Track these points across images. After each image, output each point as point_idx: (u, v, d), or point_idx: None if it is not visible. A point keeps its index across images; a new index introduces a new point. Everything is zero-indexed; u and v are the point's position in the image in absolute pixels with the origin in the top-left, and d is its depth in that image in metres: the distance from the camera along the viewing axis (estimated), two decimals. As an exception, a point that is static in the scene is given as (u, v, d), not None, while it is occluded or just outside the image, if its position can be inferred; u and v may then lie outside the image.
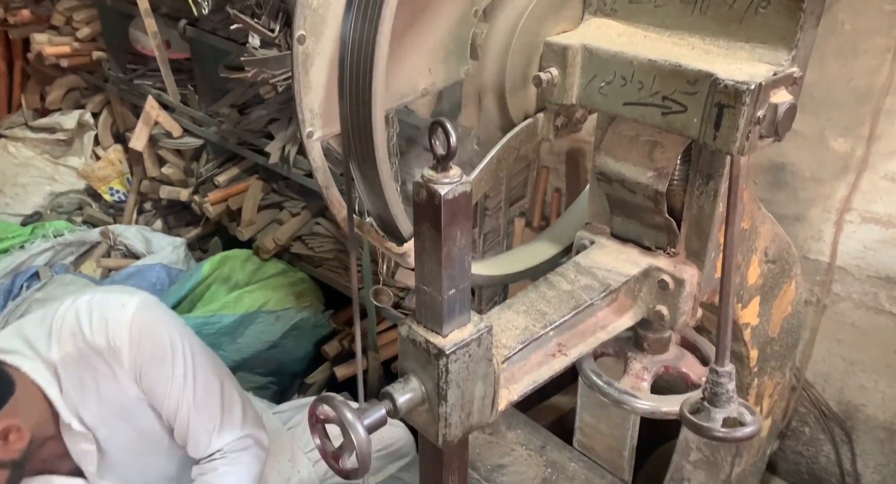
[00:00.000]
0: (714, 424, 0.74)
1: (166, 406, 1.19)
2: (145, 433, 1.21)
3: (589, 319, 0.83)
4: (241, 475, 1.22)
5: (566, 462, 1.46)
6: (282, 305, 2.34)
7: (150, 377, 1.16)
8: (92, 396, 1.13)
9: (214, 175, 2.51)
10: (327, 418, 0.64)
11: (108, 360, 1.13)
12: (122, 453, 1.19)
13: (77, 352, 1.12)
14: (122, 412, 1.17)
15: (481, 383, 0.68)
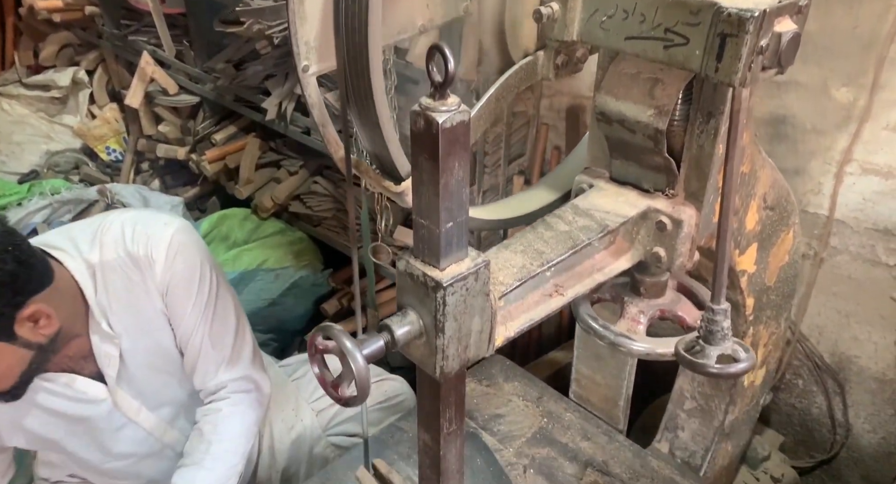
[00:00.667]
0: (708, 360, 0.75)
1: (182, 327, 1.22)
2: (163, 350, 1.24)
3: (586, 260, 0.83)
4: (244, 418, 1.26)
5: (562, 412, 1.48)
6: (281, 264, 2.35)
7: (175, 295, 1.20)
8: (122, 302, 1.17)
9: (211, 133, 2.49)
10: (326, 349, 0.65)
11: (143, 270, 1.17)
12: (140, 366, 1.22)
13: (116, 258, 1.16)
14: (145, 324, 1.20)
15: (478, 318, 0.68)
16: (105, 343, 1.16)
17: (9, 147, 2.76)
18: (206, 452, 1.20)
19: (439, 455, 0.76)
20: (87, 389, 1.18)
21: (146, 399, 1.25)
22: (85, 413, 1.20)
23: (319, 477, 1.32)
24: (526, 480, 1.31)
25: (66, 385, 1.16)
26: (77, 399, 1.18)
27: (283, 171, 2.41)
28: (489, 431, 1.43)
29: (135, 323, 1.19)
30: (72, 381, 1.16)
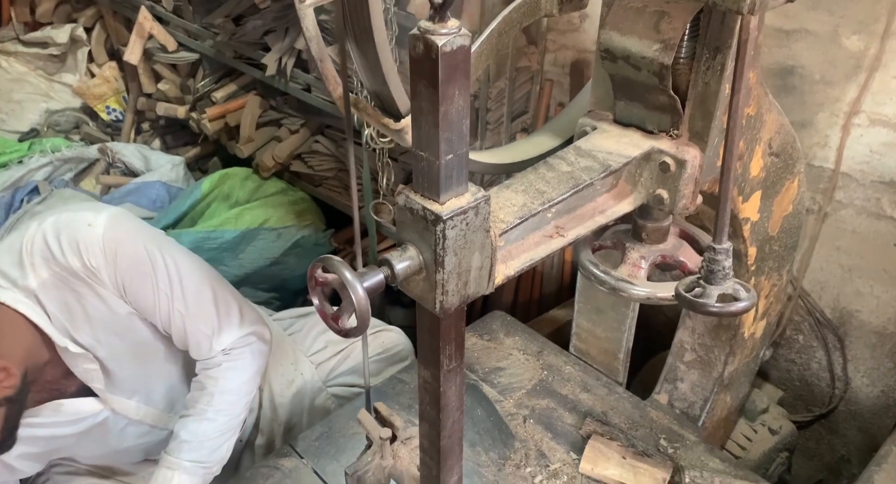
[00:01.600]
0: (709, 300, 0.75)
1: (159, 318, 1.16)
2: (143, 345, 1.21)
3: (588, 203, 0.83)
4: (244, 370, 1.23)
5: (562, 365, 1.50)
6: (283, 223, 2.35)
7: (135, 293, 1.13)
8: (80, 317, 1.10)
9: (211, 91, 2.46)
10: (326, 282, 0.64)
11: (88, 281, 1.09)
12: (125, 368, 1.18)
13: (53, 276, 1.07)
14: (115, 329, 1.14)
15: (478, 254, 0.68)
16: (80, 361, 1.11)
17: (8, 105, 2.73)
18: (209, 404, 1.18)
19: (439, 391, 0.76)
20: (78, 408, 1.14)
21: (140, 395, 1.24)
22: (84, 429, 1.17)
23: (322, 426, 1.34)
24: (526, 430, 1.33)
25: (54, 412, 1.12)
26: (71, 421, 1.15)
27: (283, 129, 2.39)
28: (489, 383, 1.45)
29: (104, 331, 1.13)
30: (58, 407, 1.12)
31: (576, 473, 1.23)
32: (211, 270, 1.26)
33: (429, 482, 0.85)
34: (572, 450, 1.28)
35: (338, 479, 1.21)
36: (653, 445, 1.28)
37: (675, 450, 1.27)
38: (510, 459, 1.27)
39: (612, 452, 1.24)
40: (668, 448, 1.27)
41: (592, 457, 1.23)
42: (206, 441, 1.17)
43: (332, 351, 1.61)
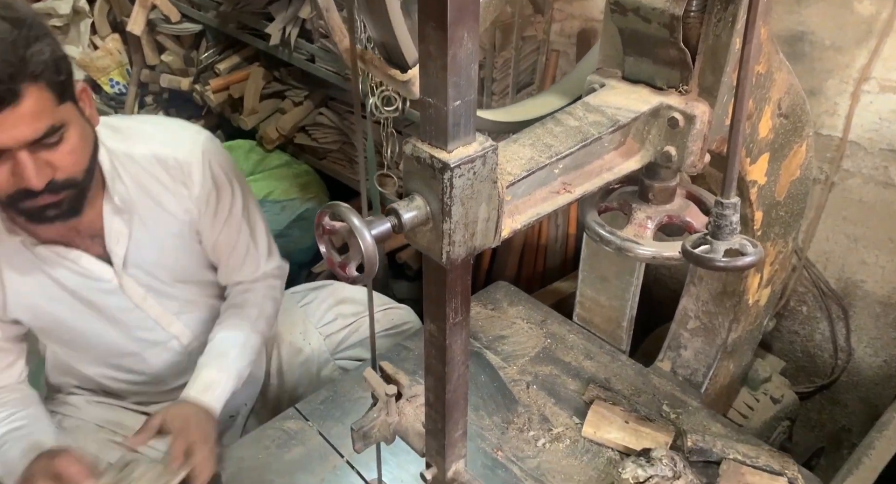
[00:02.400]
0: (716, 255, 0.75)
1: (226, 231, 1.26)
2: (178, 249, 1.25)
3: (595, 160, 0.82)
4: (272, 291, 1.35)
5: (566, 334, 1.50)
6: (287, 196, 2.35)
7: (214, 202, 1.22)
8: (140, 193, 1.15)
9: (215, 63, 2.45)
10: (333, 230, 0.65)
11: (175, 176, 1.17)
12: (149, 256, 1.21)
13: (143, 156, 1.14)
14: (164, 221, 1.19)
15: (485, 205, 0.68)
16: (116, 218, 1.14)
17: None
18: (244, 318, 1.28)
19: (445, 344, 0.77)
20: (93, 267, 1.16)
21: (152, 290, 1.25)
22: (92, 295, 1.18)
23: (327, 390, 1.35)
24: (529, 395, 1.34)
25: (74, 261, 1.14)
26: (84, 276, 1.16)
27: (287, 101, 2.38)
28: (493, 350, 1.46)
29: (151, 215, 1.18)
30: (78, 258, 1.15)
31: (578, 436, 1.24)
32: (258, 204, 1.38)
33: (434, 436, 0.86)
34: (575, 415, 1.29)
35: (342, 440, 1.22)
36: (655, 411, 1.29)
37: (677, 415, 1.28)
38: (513, 422, 1.28)
39: (614, 417, 1.25)
40: (671, 414, 1.28)
41: (595, 421, 1.25)
42: (243, 351, 1.25)
43: (342, 324, 1.62)
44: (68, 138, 0.97)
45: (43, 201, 0.99)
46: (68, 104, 0.97)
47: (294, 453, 1.20)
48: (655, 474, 1.05)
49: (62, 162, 0.97)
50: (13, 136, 0.91)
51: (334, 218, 0.65)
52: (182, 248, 1.26)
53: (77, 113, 1.00)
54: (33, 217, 1.02)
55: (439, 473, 0.88)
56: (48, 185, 0.97)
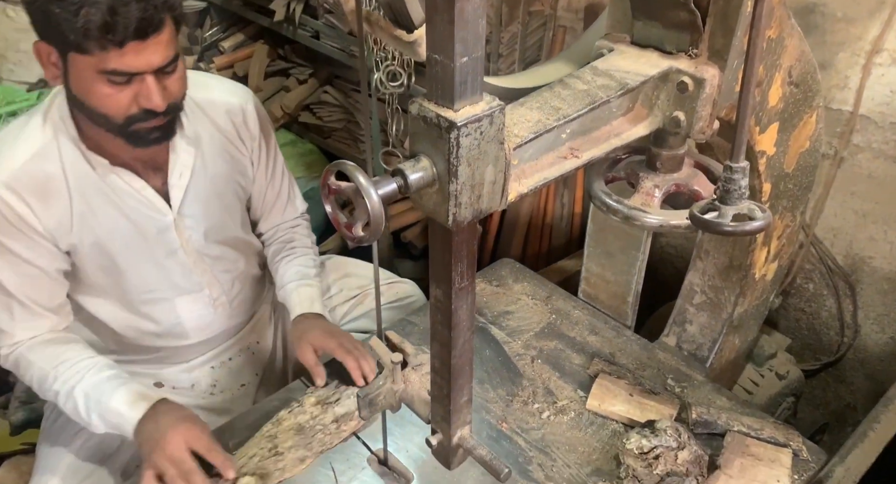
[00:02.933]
0: (724, 219, 0.74)
1: (270, 172, 1.39)
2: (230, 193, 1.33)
3: (603, 126, 0.82)
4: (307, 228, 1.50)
5: (570, 310, 1.50)
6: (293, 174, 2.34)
7: (262, 143, 1.33)
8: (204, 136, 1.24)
9: (219, 40, 2.43)
10: (339, 190, 0.64)
11: (234, 119, 1.27)
12: (203, 200, 1.27)
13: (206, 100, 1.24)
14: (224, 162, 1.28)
15: (492, 167, 0.67)
16: (182, 152, 1.21)
17: (16, 55, 2.71)
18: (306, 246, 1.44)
19: (451, 309, 0.77)
20: (154, 199, 1.21)
21: (194, 237, 1.30)
22: (147, 224, 1.23)
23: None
24: (533, 369, 1.34)
25: (139, 191, 1.20)
26: (145, 205, 1.21)
27: (292, 79, 2.37)
28: (498, 325, 1.46)
29: (212, 156, 1.26)
30: (143, 188, 1.20)
31: (583, 409, 1.25)
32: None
33: (439, 402, 0.86)
34: (580, 388, 1.29)
35: (349, 412, 1.23)
36: (660, 385, 1.29)
37: (682, 389, 1.28)
38: (518, 395, 1.28)
39: (619, 390, 1.25)
40: (676, 387, 1.28)
41: (600, 394, 1.25)
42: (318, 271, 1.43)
43: (346, 296, 1.62)
44: (180, 66, 1.08)
45: (156, 123, 1.07)
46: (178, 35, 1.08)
47: (300, 424, 1.20)
48: (660, 445, 1.05)
49: (173, 87, 1.08)
50: (150, 61, 1.01)
51: (340, 178, 0.65)
52: (227, 203, 1.34)
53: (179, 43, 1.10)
54: (139, 139, 1.09)
55: (444, 438, 0.88)
56: (167, 107, 1.07)
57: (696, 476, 1.04)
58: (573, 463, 1.14)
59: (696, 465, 1.05)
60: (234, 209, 1.37)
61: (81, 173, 1.14)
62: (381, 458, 1.14)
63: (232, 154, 1.30)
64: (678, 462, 1.04)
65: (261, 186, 1.40)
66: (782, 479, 1.06)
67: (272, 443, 1.07)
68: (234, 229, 1.38)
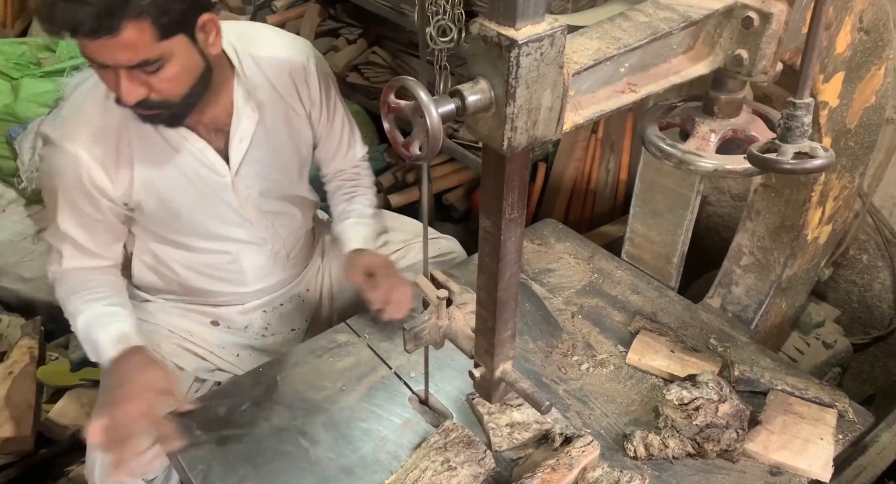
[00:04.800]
0: (783, 157, 0.73)
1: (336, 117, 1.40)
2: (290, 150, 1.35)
3: (662, 63, 0.80)
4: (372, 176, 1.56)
5: (613, 270, 1.49)
6: (339, 134, 2.37)
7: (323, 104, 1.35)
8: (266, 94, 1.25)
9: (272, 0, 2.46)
10: (399, 107, 0.65)
11: (296, 74, 1.28)
12: (262, 158, 1.30)
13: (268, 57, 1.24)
14: (285, 120, 1.30)
15: (549, 92, 0.67)
16: (244, 116, 1.24)
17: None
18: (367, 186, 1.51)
19: (500, 240, 0.78)
20: (214, 160, 1.25)
21: (255, 193, 1.33)
22: (208, 183, 1.27)
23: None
24: (574, 324, 1.35)
25: (200, 151, 1.23)
26: (205, 166, 1.25)
27: (341, 39, 2.39)
28: (539, 282, 1.46)
29: (274, 116, 1.27)
30: (205, 148, 1.23)
31: (622, 363, 1.25)
32: None
33: (484, 335, 0.88)
34: (620, 343, 1.29)
35: (390, 354, 1.26)
36: (702, 343, 1.28)
37: (724, 349, 1.27)
38: (557, 348, 1.29)
39: (660, 346, 1.25)
40: (718, 347, 1.27)
41: (640, 349, 1.25)
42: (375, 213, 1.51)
43: (390, 250, 1.65)
44: (168, 68, 1.04)
45: (145, 112, 1.08)
46: (178, 38, 1.04)
47: (345, 362, 1.24)
48: (701, 396, 1.05)
49: (159, 86, 1.05)
50: (114, 58, 1.00)
51: (400, 96, 0.66)
52: (286, 162, 1.36)
53: (189, 45, 1.06)
54: (143, 117, 1.11)
55: (487, 371, 0.90)
56: (141, 102, 1.05)
57: (736, 429, 1.04)
58: (611, 413, 1.15)
59: (736, 418, 1.04)
60: (292, 168, 1.39)
61: (144, 132, 1.18)
62: (421, 397, 1.16)
63: (293, 116, 1.32)
64: (718, 414, 1.04)
65: (321, 138, 1.43)
66: (826, 437, 1.05)
67: (443, 456, 1.01)
68: (292, 187, 1.41)
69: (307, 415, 1.13)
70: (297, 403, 1.15)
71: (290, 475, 1.03)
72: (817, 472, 1.02)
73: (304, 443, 1.08)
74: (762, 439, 1.06)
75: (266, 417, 1.13)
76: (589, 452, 1.01)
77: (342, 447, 1.08)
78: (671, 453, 1.05)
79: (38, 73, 2.39)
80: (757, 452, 1.05)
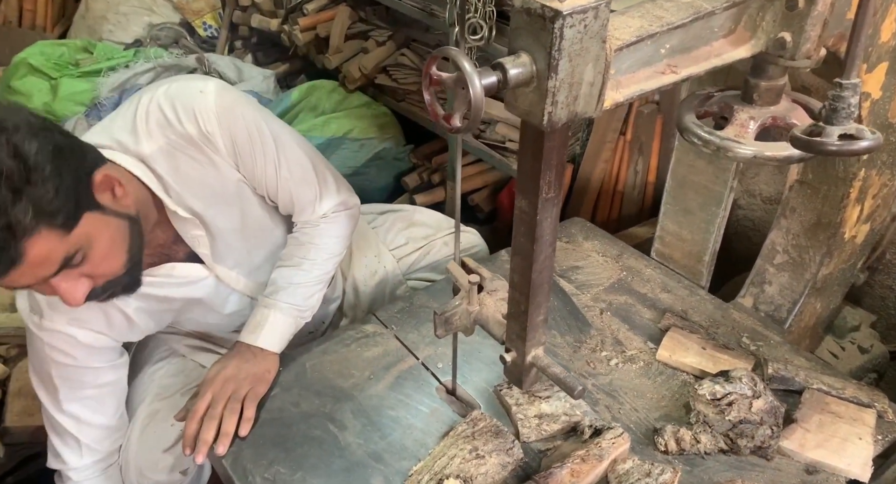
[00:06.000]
0: (828, 138, 0.72)
1: (266, 185, 1.21)
2: (250, 217, 1.25)
3: (703, 46, 0.80)
4: (340, 228, 1.30)
5: (642, 268, 1.48)
6: (366, 135, 2.39)
7: (246, 157, 1.15)
8: (192, 183, 1.13)
9: (303, 2, 2.50)
10: (440, 79, 0.66)
11: (203, 147, 1.11)
12: (230, 239, 1.22)
13: (168, 143, 1.09)
14: (224, 197, 1.18)
15: (592, 66, 0.67)
16: (189, 227, 1.14)
17: (116, 17, 2.87)
18: (305, 257, 1.25)
19: (535, 220, 0.77)
20: (189, 272, 1.19)
21: (242, 268, 1.28)
22: (194, 294, 1.22)
23: (403, 301, 1.39)
24: (602, 320, 1.33)
25: (168, 275, 1.17)
26: (183, 284, 1.20)
27: (371, 41, 2.41)
28: (566, 279, 1.45)
29: (213, 198, 1.15)
30: (171, 269, 1.17)
31: (652, 359, 1.23)
32: (307, 142, 1.31)
33: (516, 319, 0.87)
34: (649, 340, 1.27)
35: (418, 345, 1.26)
36: (734, 342, 1.26)
37: (757, 348, 1.24)
38: (586, 343, 1.28)
39: (691, 343, 1.23)
40: (751, 346, 1.25)
41: (671, 346, 1.23)
42: (300, 288, 1.24)
43: (413, 247, 1.65)
44: (96, 248, 0.95)
45: (96, 299, 1.00)
46: (85, 219, 0.92)
47: (372, 352, 1.24)
48: (734, 392, 1.03)
49: (97, 271, 0.96)
50: (34, 277, 0.90)
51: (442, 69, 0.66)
52: (258, 217, 1.25)
53: (100, 217, 0.95)
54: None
55: (518, 357, 0.89)
56: (91, 293, 0.97)
57: (770, 426, 1.02)
58: (641, 407, 1.13)
59: (771, 415, 1.02)
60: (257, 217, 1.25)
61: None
62: (448, 388, 1.16)
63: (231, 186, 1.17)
64: (752, 410, 1.02)
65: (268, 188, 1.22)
66: (865, 436, 1.02)
67: (471, 444, 1.00)
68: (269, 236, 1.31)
69: (336, 402, 1.13)
70: (326, 390, 1.16)
71: (320, 459, 1.03)
72: (856, 471, 0.99)
73: (332, 429, 1.08)
74: (798, 437, 1.03)
75: (295, 403, 1.13)
76: (619, 444, 0.99)
77: (370, 433, 1.07)
78: (703, 449, 1.03)
79: (75, 74, 2.46)
80: (792, 450, 1.02)
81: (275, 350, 1.19)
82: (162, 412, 1.25)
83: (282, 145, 1.20)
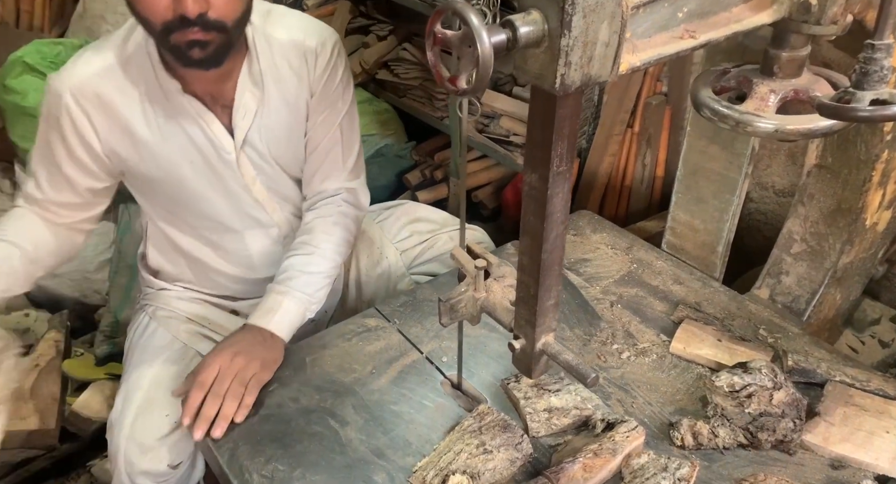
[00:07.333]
0: (860, 103, 0.67)
1: (321, 128, 1.28)
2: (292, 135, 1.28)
3: (722, 12, 0.76)
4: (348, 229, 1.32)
5: (653, 260, 1.43)
6: (367, 131, 2.36)
7: (325, 95, 1.25)
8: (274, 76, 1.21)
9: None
10: (445, 37, 0.61)
11: (306, 60, 1.22)
12: (266, 139, 1.25)
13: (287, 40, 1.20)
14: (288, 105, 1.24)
15: (607, 25, 0.63)
16: (248, 92, 1.20)
17: (113, 17, 2.85)
18: (317, 248, 1.26)
19: (546, 196, 0.73)
20: (220, 134, 1.21)
21: (262, 174, 1.29)
22: (213, 158, 1.23)
23: (406, 295, 1.34)
24: (613, 313, 1.28)
25: (207, 124, 1.20)
26: (211, 140, 1.21)
27: (371, 36, 2.38)
28: (575, 271, 1.40)
29: (279, 98, 1.23)
30: (211, 121, 1.20)
31: (666, 352, 1.18)
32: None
33: (525, 304, 0.82)
34: (662, 333, 1.22)
35: (421, 339, 1.21)
36: (751, 334, 1.21)
37: (775, 340, 1.19)
38: (596, 336, 1.23)
39: (706, 335, 1.18)
40: (768, 338, 1.20)
41: (685, 338, 1.18)
42: (313, 278, 1.22)
43: (417, 240, 1.61)
44: None
45: (192, 35, 1.04)
46: None
47: (375, 346, 1.19)
48: (753, 383, 0.97)
49: (217, 1, 1.04)
50: None
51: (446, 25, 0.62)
52: (294, 142, 1.29)
53: None
54: (181, 56, 1.07)
55: (528, 344, 0.84)
56: (200, 17, 1.02)
57: (792, 419, 0.96)
58: (655, 401, 1.08)
59: (793, 407, 0.97)
60: (298, 151, 1.32)
61: (155, 98, 1.16)
62: (454, 382, 1.11)
63: (297, 101, 1.25)
64: (773, 403, 0.97)
65: (313, 137, 1.29)
66: (892, 430, 0.97)
67: (478, 439, 0.96)
68: (298, 171, 1.35)
69: (336, 397, 1.08)
70: (326, 385, 1.11)
71: (320, 456, 0.98)
72: (884, 466, 0.93)
73: (333, 424, 1.03)
74: (821, 431, 0.98)
75: (294, 399, 1.08)
76: (634, 438, 0.94)
77: (372, 429, 1.02)
78: (721, 443, 0.98)
79: (73, 70, 2.43)
80: (816, 444, 0.97)
81: (284, 336, 1.17)
82: (158, 401, 1.21)
83: (353, 111, 1.33)
